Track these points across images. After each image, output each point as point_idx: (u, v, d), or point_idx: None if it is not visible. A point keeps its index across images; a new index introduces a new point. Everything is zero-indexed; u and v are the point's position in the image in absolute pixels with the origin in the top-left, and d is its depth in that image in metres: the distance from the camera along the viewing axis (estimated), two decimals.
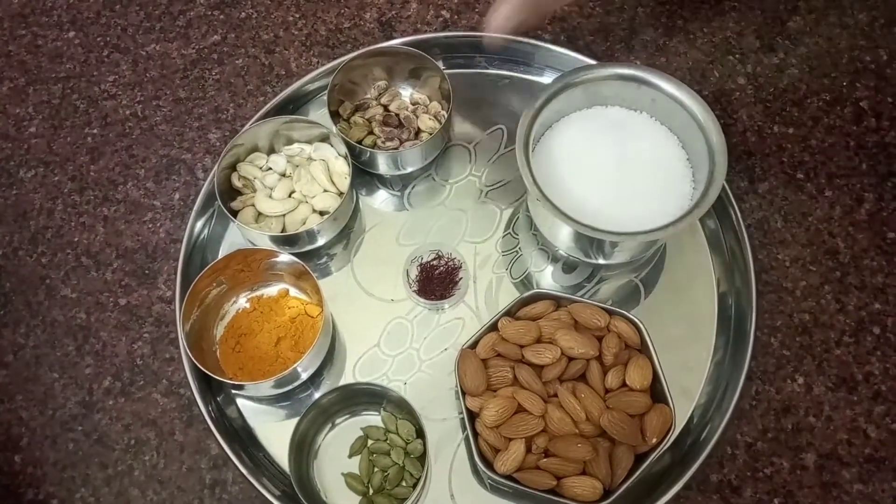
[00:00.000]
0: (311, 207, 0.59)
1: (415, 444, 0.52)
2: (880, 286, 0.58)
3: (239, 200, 0.59)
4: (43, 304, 0.60)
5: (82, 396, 0.57)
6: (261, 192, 0.59)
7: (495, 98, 0.65)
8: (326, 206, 0.58)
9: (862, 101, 0.65)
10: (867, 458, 0.53)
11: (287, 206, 0.58)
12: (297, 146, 0.61)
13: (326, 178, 0.59)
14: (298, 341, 0.55)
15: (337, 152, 0.60)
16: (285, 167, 0.60)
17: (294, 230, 0.57)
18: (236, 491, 0.54)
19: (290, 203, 0.58)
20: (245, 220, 0.58)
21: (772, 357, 0.56)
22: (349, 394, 0.53)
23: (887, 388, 0.55)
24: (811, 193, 0.62)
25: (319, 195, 0.59)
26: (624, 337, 0.52)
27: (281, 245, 0.57)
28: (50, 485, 0.55)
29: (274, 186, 0.59)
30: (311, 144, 0.61)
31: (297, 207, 0.58)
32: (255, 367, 0.54)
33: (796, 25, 0.68)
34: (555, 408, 0.50)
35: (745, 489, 0.53)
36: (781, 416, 0.55)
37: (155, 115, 0.67)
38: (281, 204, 0.58)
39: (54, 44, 0.71)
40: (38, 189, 0.65)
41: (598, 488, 0.48)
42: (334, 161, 0.60)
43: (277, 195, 0.59)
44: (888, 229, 0.60)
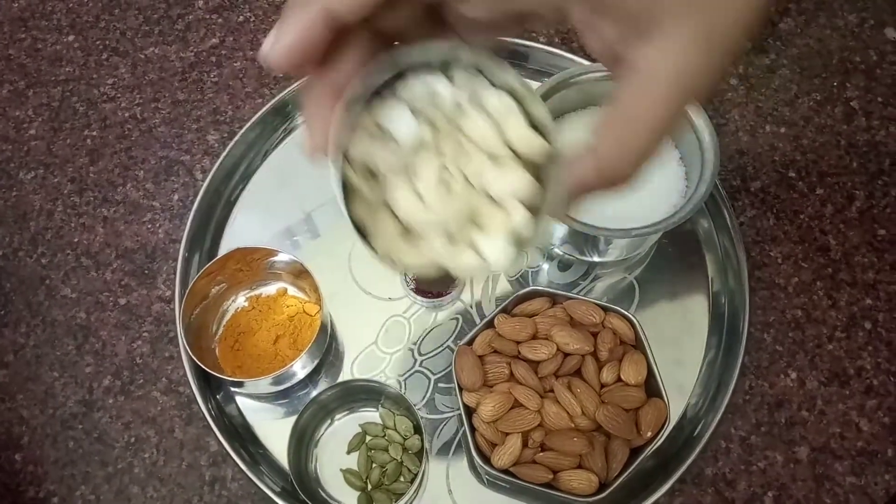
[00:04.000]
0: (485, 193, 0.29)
1: (412, 440, 0.53)
2: (871, 282, 0.59)
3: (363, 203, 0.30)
4: (43, 304, 0.61)
5: (82, 395, 0.58)
6: (396, 182, 0.29)
7: None
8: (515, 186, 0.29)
9: (852, 100, 0.66)
10: (859, 451, 0.54)
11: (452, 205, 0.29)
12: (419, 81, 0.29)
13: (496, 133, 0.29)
14: (297, 339, 0.55)
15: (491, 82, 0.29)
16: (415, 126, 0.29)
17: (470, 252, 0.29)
18: (236, 487, 0.54)
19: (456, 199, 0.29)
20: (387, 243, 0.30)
21: (765, 352, 0.57)
22: (347, 391, 0.54)
23: (879, 382, 0.56)
24: (803, 192, 0.62)
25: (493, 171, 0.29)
26: (619, 333, 0.53)
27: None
28: (50, 483, 0.55)
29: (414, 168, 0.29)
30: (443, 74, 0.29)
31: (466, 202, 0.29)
32: (254, 365, 0.55)
33: (787, 27, 0.69)
34: (551, 403, 0.50)
35: (739, 482, 0.54)
36: (775, 411, 0.55)
37: (154, 118, 0.68)
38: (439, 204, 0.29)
39: (54, 47, 0.72)
40: (38, 190, 0.65)
41: (594, 482, 0.49)
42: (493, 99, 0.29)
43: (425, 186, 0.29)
44: (879, 226, 0.61)
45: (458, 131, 0.30)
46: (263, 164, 0.65)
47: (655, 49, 0.24)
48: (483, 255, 0.30)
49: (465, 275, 0.30)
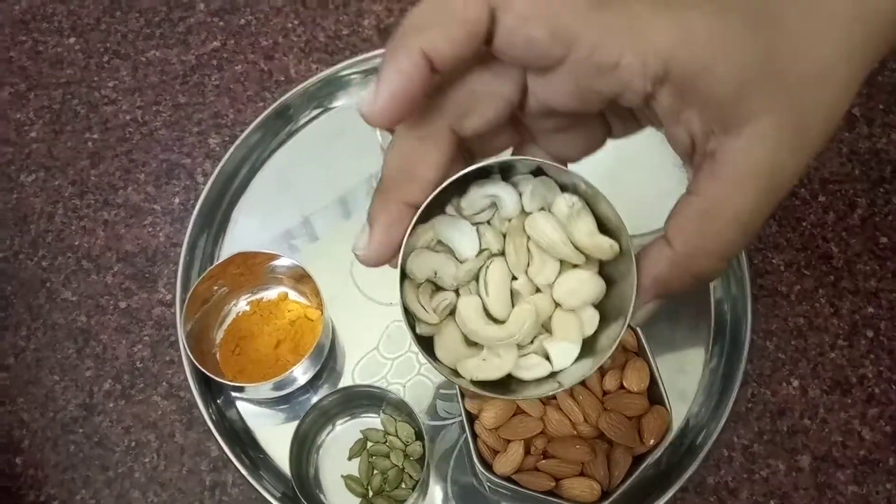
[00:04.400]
0: (549, 299, 0.30)
1: (414, 447, 0.53)
2: (873, 290, 0.59)
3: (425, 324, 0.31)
4: (43, 308, 0.61)
5: (83, 399, 0.57)
6: (466, 302, 0.30)
7: None
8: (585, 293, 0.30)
9: (854, 107, 0.66)
10: (862, 460, 0.54)
11: (518, 319, 0.30)
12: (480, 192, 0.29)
13: (560, 233, 0.29)
14: (298, 344, 0.55)
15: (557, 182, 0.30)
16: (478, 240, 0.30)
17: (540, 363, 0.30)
18: (236, 493, 0.54)
19: (523, 311, 0.30)
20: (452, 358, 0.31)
21: (767, 360, 0.57)
22: (349, 396, 0.54)
23: (881, 390, 0.56)
24: (805, 199, 0.62)
25: (562, 276, 0.30)
26: (621, 340, 0.52)
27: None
28: (51, 487, 0.55)
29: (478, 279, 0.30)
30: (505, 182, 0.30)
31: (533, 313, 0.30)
32: (255, 370, 0.54)
33: None
34: (553, 410, 0.50)
35: (741, 491, 0.53)
36: (777, 419, 0.55)
37: (155, 121, 0.68)
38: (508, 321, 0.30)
39: (55, 49, 0.71)
40: (38, 193, 0.65)
41: (597, 489, 0.48)
42: (559, 200, 0.30)
43: (494, 301, 0.30)
44: (881, 234, 0.61)
45: (524, 238, 0.29)
46: (265, 168, 0.65)
47: (746, 144, 0.24)
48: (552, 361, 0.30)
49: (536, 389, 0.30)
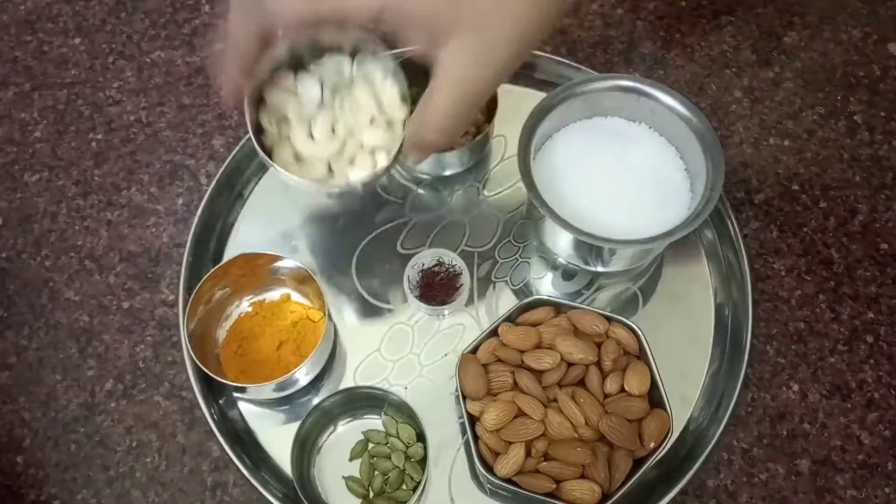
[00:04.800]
0: (358, 143, 0.46)
1: (415, 448, 0.53)
2: (873, 296, 0.59)
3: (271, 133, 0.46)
4: (46, 307, 0.61)
5: (84, 398, 0.58)
6: (297, 128, 0.46)
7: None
8: (378, 141, 0.46)
9: (856, 114, 0.66)
10: (861, 465, 0.54)
11: (332, 146, 0.46)
12: (331, 59, 0.46)
13: (374, 103, 0.46)
14: (300, 345, 0.55)
15: (384, 67, 0.45)
16: (321, 92, 0.46)
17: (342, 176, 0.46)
18: (237, 493, 0.54)
19: (335, 142, 0.46)
20: (283, 163, 0.46)
21: (767, 365, 0.57)
22: (351, 397, 0.54)
23: (880, 395, 0.56)
24: (806, 205, 0.63)
25: (368, 128, 0.46)
26: (623, 343, 0.53)
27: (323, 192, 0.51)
28: (52, 486, 0.55)
29: (313, 118, 0.46)
30: (350, 58, 0.46)
31: (344, 147, 0.46)
32: (257, 371, 0.55)
33: (791, 41, 0.70)
34: (554, 412, 0.50)
35: (741, 494, 0.54)
36: (777, 423, 0.56)
37: (159, 122, 0.68)
38: (324, 145, 0.46)
39: (60, 50, 0.72)
40: (42, 193, 0.65)
41: (597, 492, 0.49)
42: (382, 82, 0.46)
43: (319, 133, 0.46)
44: (881, 240, 0.61)
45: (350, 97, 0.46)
46: (268, 170, 0.65)
47: (445, 54, 0.36)
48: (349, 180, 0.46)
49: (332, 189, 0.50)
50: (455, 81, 0.36)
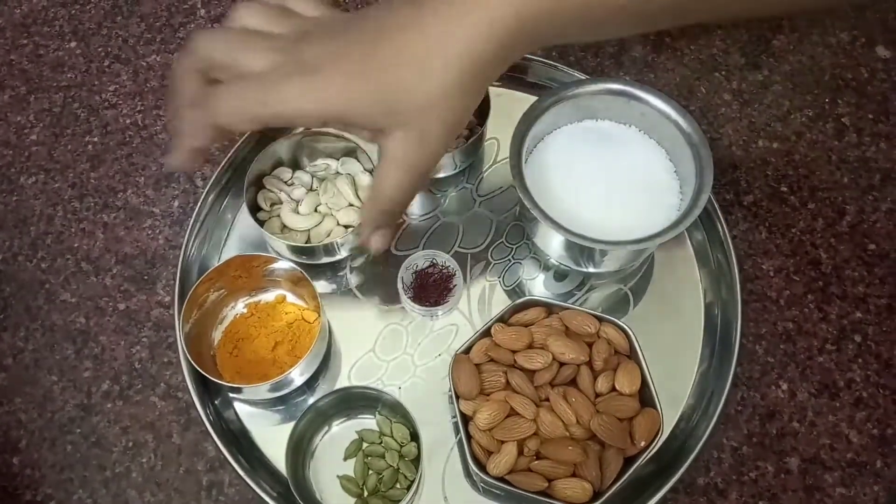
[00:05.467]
0: (335, 220, 0.59)
1: (409, 447, 0.53)
2: (861, 296, 0.60)
3: (265, 212, 0.59)
4: (42, 309, 0.61)
5: (81, 399, 0.58)
6: (286, 206, 0.59)
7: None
8: (351, 220, 0.59)
9: (843, 117, 0.67)
10: (849, 463, 0.55)
11: (312, 220, 0.59)
12: (323, 161, 0.61)
13: (352, 192, 0.59)
14: (295, 346, 0.56)
15: (363, 167, 0.60)
16: (311, 182, 0.60)
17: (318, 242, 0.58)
18: (233, 493, 0.55)
19: (315, 218, 0.59)
20: (271, 231, 0.58)
21: (757, 364, 0.58)
22: (345, 397, 0.54)
23: (868, 394, 0.57)
24: (795, 206, 0.63)
25: (344, 209, 0.59)
26: (613, 343, 0.53)
27: (301, 256, 0.58)
28: (48, 486, 0.55)
29: (301, 200, 0.59)
30: (336, 160, 0.61)
31: (321, 222, 0.59)
32: (253, 372, 0.55)
33: (780, 44, 0.71)
34: (546, 411, 0.51)
35: (730, 492, 0.54)
36: (766, 422, 0.56)
37: (155, 125, 0.68)
38: (306, 219, 0.58)
39: (56, 53, 0.72)
40: (38, 195, 0.66)
41: (588, 490, 0.49)
42: (361, 176, 0.60)
43: (304, 210, 0.59)
44: (869, 241, 0.62)
45: (334, 186, 0.60)
46: None
47: (389, 142, 0.42)
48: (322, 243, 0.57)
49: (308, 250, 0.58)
50: (398, 163, 0.43)
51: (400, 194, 0.44)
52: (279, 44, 0.42)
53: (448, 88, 0.40)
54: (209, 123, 0.42)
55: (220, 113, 0.41)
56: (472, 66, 0.40)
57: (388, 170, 0.43)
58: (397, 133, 0.41)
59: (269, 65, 0.41)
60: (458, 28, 0.39)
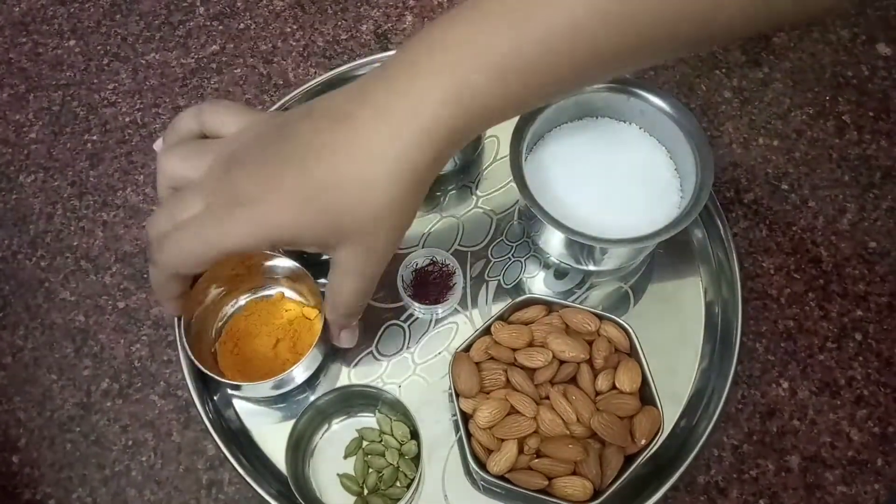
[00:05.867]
0: None
1: (409, 446, 0.53)
2: (862, 294, 0.60)
3: None
4: (42, 307, 0.61)
5: (80, 398, 0.58)
6: None
7: None
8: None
9: (844, 114, 0.67)
10: (850, 461, 0.55)
11: None
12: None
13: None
14: (296, 343, 0.56)
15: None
16: None
17: None
18: (233, 491, 0.55)
19: None
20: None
21: (757, 362, 0.58)
22: (345, 396, 0.54)
23: (869, 392, 0.57)
24: (795, 204, 0.63)
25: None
26: (614, 341, 0.53)
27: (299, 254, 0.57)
28: (47, 485, 0.55)
29: None
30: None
31: None
32: (254, 369, 0.55)
33: (780, 41, 0.70)
34: (546, 410, 0.51)
35: (731, 490, 0.54)
36: (766, 420, 0.56)
37: (154, 123, 0.68)
38: None
39: (55, 52, 0.72)
40: (37, 194, 0.65)
41: (589, 488, 0.49)
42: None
43: None
44: (869, 239, 0.62)
45: None
46: None
47: (339, 256, 0.44)
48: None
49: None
50: (350, 272, 0.45)
51: (356, 298, 0.47)
52: (209, 183, 0.43)
53: (391, 201, 0.41)
54: (166, 276, 0.46)
55: (169, 264, 0.44)
56: (413, 175, 0.41)
57: (343, 279, 0.45)
58: (346, 247, 0.43)
59: (203, 206, 0.42)
60: (395, 142, 0.40)
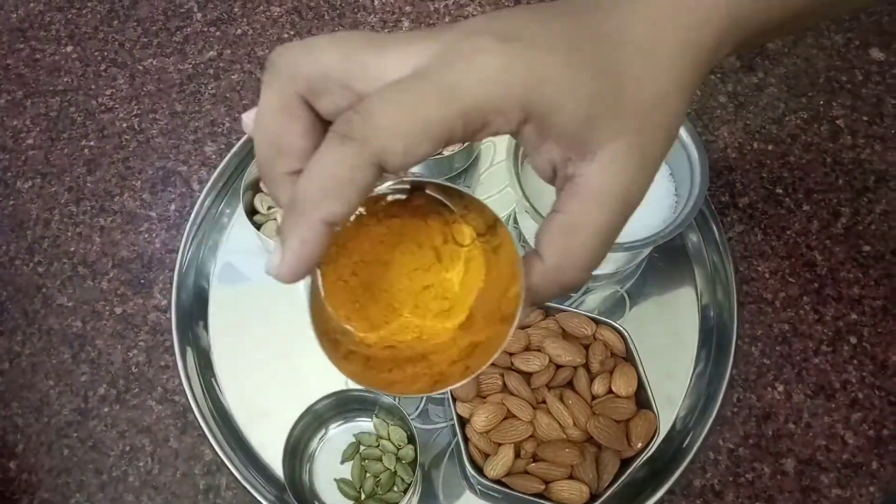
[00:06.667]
0: None
1: (406, 450, 0.53)
2: (856, 297, 0.60)
3: (261, 215, 0.59)
4: (39, 313, 0.61)
5: (78, 404, 0.58)
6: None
7: None
8: None
9: (838, 119, 0.67)
10: (845, 464, 0.55)
11: None
12: None
13: None
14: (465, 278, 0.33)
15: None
16: None
17: None
18: (230, 496, 0.55)
19: None
20: (268, 234, 0.58)
21: (753, 366, 0.58)
22: (342, 400, 0.54)
23: (864, 395, 0.57)
24: (790, 208, 0.64)
25: None
26: (610, 345, 0.53)
27: None
28: (45, 491, 0.55)
29: None
30: None
31: None
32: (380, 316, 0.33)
33: (775, 46, 0.71)
34: (543, 414, 0.51)
35: (727, 494, 0.54)
36: (762, 423, 0.56)
37: (151, 128, 0.68)
38: None
39: (52, 58, 0.72)
40: (35, 199, 0.66)
41: (585, 492, 0.49)
42: None
43: None
44: (864, 242, 0.62)
45: None
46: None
47: (599, 167, 0.28)
48: None
49: None
50: (610, 198, 0.28)
51: (605, 249, 0.29)
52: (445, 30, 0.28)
53: (676, 83, 0.29)
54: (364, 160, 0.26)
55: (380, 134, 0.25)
56: (695, 58, 0.30)
57: (596, 212, 0.28)
58: (612, 147, 0.28)
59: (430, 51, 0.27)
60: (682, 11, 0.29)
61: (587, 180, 0.28)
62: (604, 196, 0.28)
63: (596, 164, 0.28)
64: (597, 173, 0.28)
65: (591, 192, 0.28)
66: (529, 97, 0.27)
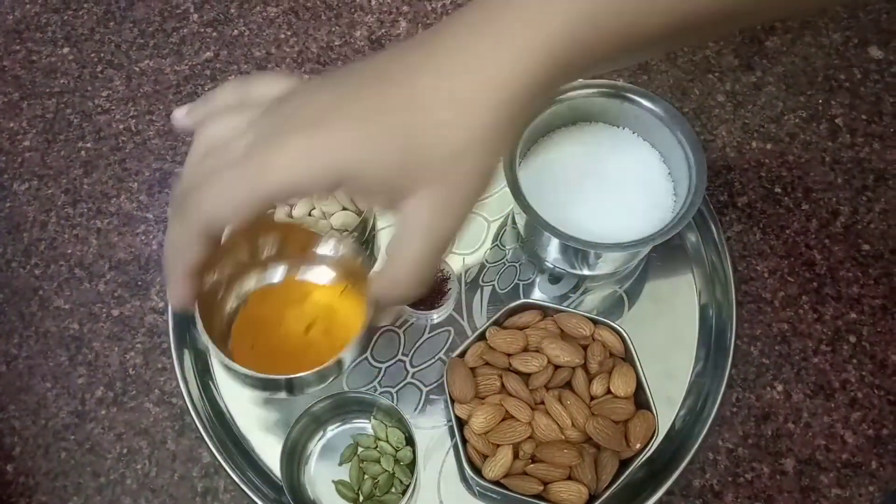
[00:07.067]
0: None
1: (404, 452, 0.53)
2: (856, 296, 0.60)
3: None
4: (36, 315, 0.61)
5: (75, 406, 0.58)
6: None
7: None
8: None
9: (837, 117, 0.67)
10: (844, 464, 0.55)
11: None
12: None
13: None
14: (331, 326, 0.48)
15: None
16: None
17: None
18: (228, 499, 0.55)
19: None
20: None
21: (752, 365, 0.58)
22: (340, 402, 0.54)
23: (863, 395, 0.57)
24: (788, 207, 0.63)
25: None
26: (608, 346, 0.53)
27: None
28: (42, 494, 0.55)
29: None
30: None
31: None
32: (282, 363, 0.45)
33: (773, 45, 0.71)
34: (541, 415, 0.51)
35: (726, 494, 0.54)
36: (761, 423, 0.56)
37: (148, 130, 0.68)
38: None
39: (48, 59, 0.72)
40: (31, 202, 0.65)
41: (584, 493, 0.49)
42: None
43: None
44: (863, 241, 0.62)
45: None
46: None
47: (413, 208, 0.34)
48: None
49: None
50: (423, 233, 0.35)
51: (424, 272, 0.36)
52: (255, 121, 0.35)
53: (483, 128, 0.33)
54: (194, 231, 0.35)
55: (202, 211, 0.34)
56: (511, 104, 0.33)
57: (409, 240, 0.35)
58: (422, 193, 0.33)
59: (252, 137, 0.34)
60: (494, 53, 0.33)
61: (404, 217, 0.34)
62: (416, 229, 0.35)
63: (410, 206, 0.34)
64: (411, 212, 0.34)
65: (407, 225, 0.35)
66: (331, 175, 0.33)
